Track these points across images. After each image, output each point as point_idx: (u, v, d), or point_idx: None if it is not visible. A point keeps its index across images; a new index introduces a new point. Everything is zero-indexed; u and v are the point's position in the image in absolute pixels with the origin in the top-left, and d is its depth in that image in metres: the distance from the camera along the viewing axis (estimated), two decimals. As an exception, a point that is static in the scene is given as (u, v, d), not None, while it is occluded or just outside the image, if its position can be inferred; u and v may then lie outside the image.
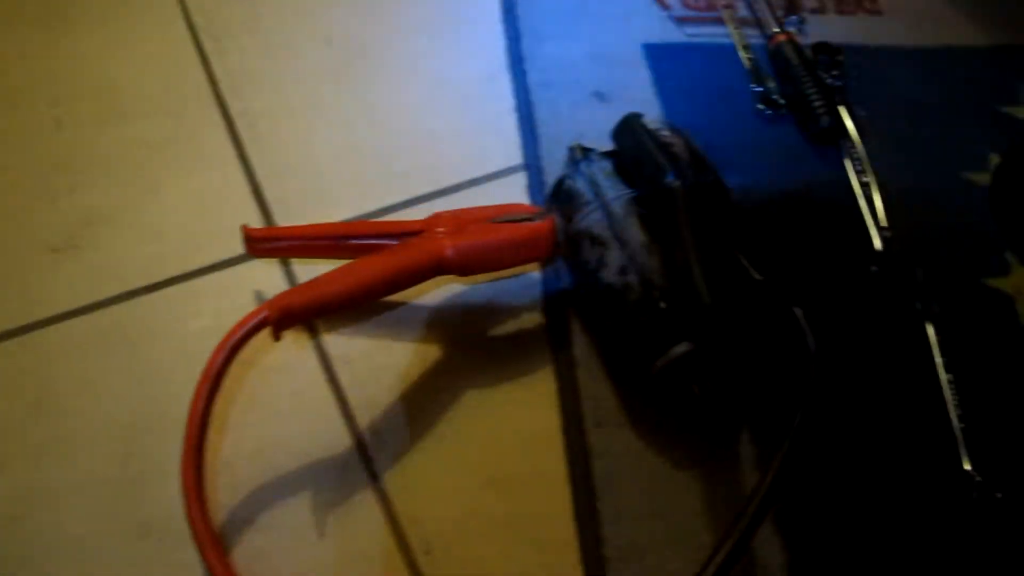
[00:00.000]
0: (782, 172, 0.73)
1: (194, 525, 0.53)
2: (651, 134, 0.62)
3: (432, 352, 0.64)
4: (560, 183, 0.64)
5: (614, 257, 0.59)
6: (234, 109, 0.75)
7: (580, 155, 0.64)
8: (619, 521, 0.58)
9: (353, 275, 0.58)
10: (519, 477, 0.60)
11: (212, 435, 0.60)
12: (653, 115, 0.73)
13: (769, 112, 0.76)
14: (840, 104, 0.76)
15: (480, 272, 0.63)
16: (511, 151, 0.73)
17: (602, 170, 0.63)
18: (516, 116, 0.75)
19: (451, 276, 0.66)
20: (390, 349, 0.64)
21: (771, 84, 0.77)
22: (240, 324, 0.56)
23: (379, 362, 0.64)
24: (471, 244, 0.60)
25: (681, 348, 0.57)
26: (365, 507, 0.59)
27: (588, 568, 0.57)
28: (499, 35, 0.81)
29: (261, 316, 0.56)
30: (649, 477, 0.60)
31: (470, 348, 0.65)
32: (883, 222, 0.71)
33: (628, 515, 0.59)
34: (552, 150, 0.72)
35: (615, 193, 0.62)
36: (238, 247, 0.62)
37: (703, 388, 0.58)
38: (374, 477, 0.60)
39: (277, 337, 0.56)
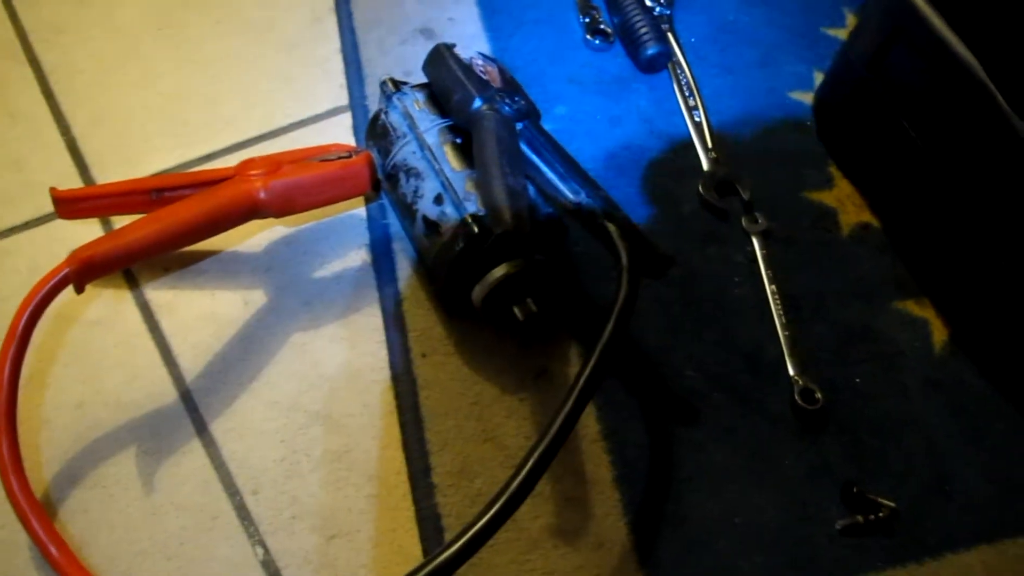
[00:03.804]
0: (613, 100, 0.74)
1: (11, 495, 0.53)
2: (460, 62, 0.62)
3: (257, 297, 0.64)
4: (376, 118, 0.64)
5: (429, 187, 0.59)
6: (47, 63, 0.72)
7: (392, 88, 0.64)
8: (447, 448, 0.59)
9: (158, 222, 0.57)
10: (347, 413, 0.60)
11: (31, 394, 0.59)
12: (482, 49, 0.73)
13: (598, 42, 0.76)
14: (667, 31, 0.77)
15: (298, 211, 0.62)
16: (337, 92, 0.72)
17: (415, 101, 0.63)
18: (342, 57, 0.74)
19: (273, 220, 0.66)
20: (213, 296, 0.63)
21: (599, 14, 0.77)
22: (41, 282, 0.55)
23: (203, 309, 0.63)
24: (283, 184, 0.60)
25: (499, 271, 0.57)
26: (192, 454, 0.59)
27: (417, 495, 0.58)
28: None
29: (62, 273, 0.55)
30: (476, 402, 0.60)
31: (296, 291, 0.64)
32: (710, 144, 0.72)
33: (457, 441, 0.59)
34: (379, 89, 0.71)
35: (428, 123, 0.61)
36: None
37: (526, 307, 0.59)
38: (200, 423, 0.59)
39: (80, 290, 0.55)
